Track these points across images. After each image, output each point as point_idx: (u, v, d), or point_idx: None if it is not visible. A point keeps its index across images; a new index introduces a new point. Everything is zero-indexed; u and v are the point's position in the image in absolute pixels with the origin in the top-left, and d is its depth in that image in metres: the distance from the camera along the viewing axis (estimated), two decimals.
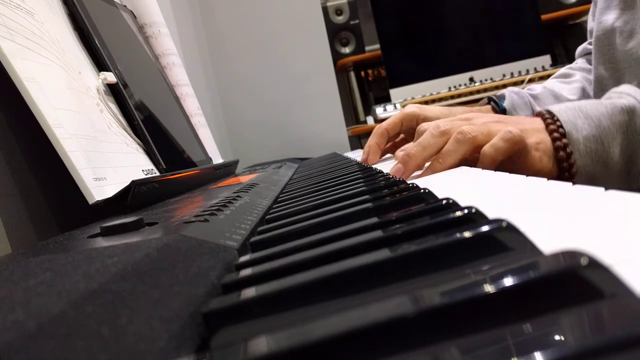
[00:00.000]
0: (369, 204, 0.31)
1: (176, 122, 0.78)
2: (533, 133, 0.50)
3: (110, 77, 0.58)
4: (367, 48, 2.27)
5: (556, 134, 0.50)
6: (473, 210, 0.22)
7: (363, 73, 2.42)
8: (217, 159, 0.95)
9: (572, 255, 0.14)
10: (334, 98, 1.51)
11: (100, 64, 0.59)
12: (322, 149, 1.45)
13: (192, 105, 0.95)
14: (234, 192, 0.45)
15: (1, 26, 0.42)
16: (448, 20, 2.21)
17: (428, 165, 0.52)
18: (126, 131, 0.57)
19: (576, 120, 0.50)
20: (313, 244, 0.24)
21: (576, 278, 0.13)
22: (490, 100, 0.83)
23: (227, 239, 0.28)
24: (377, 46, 2.18)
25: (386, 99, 2.16)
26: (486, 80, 2.06)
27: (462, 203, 0.25)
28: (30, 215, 0.43)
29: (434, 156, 0.51)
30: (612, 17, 0.74)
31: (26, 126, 0.43)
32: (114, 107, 0.58)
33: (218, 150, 1.00)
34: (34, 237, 0.44)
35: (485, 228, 0.19)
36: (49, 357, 0.12)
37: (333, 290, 0.18)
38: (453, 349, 0.12)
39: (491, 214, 0.22)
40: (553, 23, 2.24)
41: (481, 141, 0.49)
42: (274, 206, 0.44)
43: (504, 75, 2.06)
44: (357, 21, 2.23)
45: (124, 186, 0.45)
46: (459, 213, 0.23)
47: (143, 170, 0.56)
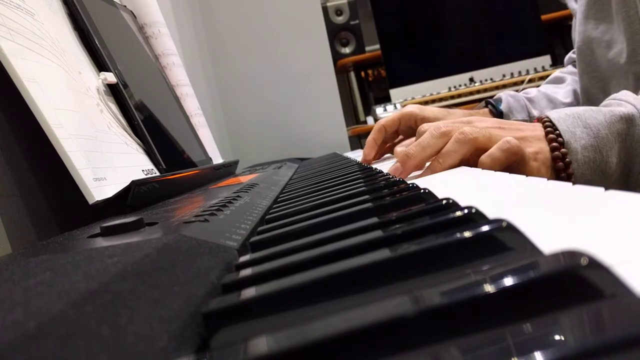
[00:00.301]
0: (369, 204, 0.31)
1: (176, 122, 0.78)
2: (533, 141, 0.50)
3: (110, 77, 0.58)
4: (367, 48, 2.28)
5: (555, 144, 0.49)
6: (473, 210, 0.22)
7: (363, 73, 2.42)
8: (217, 159, 0.95)
9: (572, 255, 0.14)
10: (334, 98, 1.51)
11: (100, 64, 0.59)
12: (322, 149, 1.45)
13: (192, 105, 0.95)
14: (234, 192, 0.45)
15: (1, 26, 0.42)
16: (448, 20, 2.21)
17: (428, 165, 0.52)
18: (126, 131, 0.57)
19: (575, 129, 0.50)
20: (313, 244, 0.24)
21: (576, 278, 0.13)
22: (487, 103, 0.84)
23: (227, 239, 0.28)
24: (377, 46, 2.18)
25: (386, 99, 2.17)
26: (486, 80, 2.06)
27: (462, 203, 0.25)
28: (30, 215, 0.43)
29: (434, 156, 0.51)
30: (591, 28, 0.76)
31: (26, 126, 0.43)
32: (114, 107, 0.58)
33: (218, 150, 1.00)
34: (34, 237, 0.44)
35: (485, 228, 0.19)
36: (49, 357, 0.12)
37: (333, 290, 0.18)
38: (453, 349, 0.12)
39: (491, 214, 0.22)
40: (553, 23, 2.24)
41: (482, 143, 0.49)
42: (274, 206, 0.44)
43: (504, 75, 2.06)
44: (357, 21, 2.24)
45: (124, 186, 0.45)
46: (459, 213, 0.23)
47: (143, 170, 0.56)
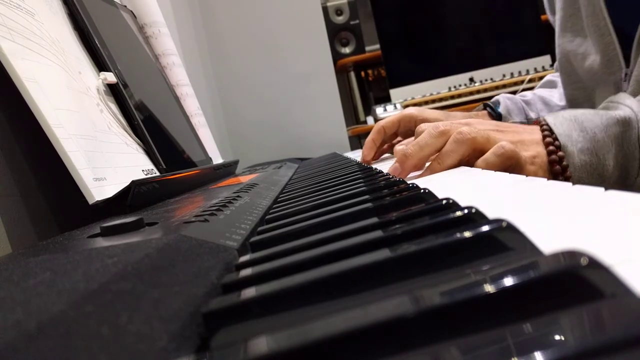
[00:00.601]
0: (369, 204, 0.31)
1: (176, 122, 0.78)
2: (530, 145, 0.50)
3: (110, 77, 0.58)
4: (367, 48, 2.28)
5: (552, 147, 0.50)
6: (473, 210, 0.22)
7: (363, 73, 2.42)
8: (217, 159, 0.95)
9: (572, 255, 0.14)
10: (334, 98, 1.51)
11: (100, 64, 0.59)
12: (322, 149, 1.45)
13: (192, 105, 0.95)
14: (234, 192, 0.45)
15: (1, 26, 0.42)
16: (448, 20, 2.21)
17: (427, 165, 0.52)
18: (126, 131, 0.57)
19: (571, 132, 0.50)
20: (313, 244, 0.24)
21: (576, 278, 0.13)
22: (486, 106, 0.85)
23: (227, 239, 0.28)
24: (377, 46, 2.18)
25: (386, 99, 2.17)
26: (486, 80, 2.06)
27: (462, 203, 0.25)
28: (30, 215, 0.43)
29: (432, 156, 0.51)
30: (567, 41, 0.77)
31: (26, 126, 0.43)
32: (114, 107, 0.58)
33: (218, 150, 1.00)
34: (34, 237, 0.44)
35: (485, 228, 0.19)
36: (49, 357, 0.12)
37: (333, 290, 0.18)
38: (453, 349, 0.12)
39: (491, 214, 0.22)
40: None
41: (480, 144, 0.49)
42: (274, 206, 0.44)
43: (504, 75, 2.06)
44: (357, 21, 2.24)
45: (124, 186, 0.45)
46: (459, 213, 0.23)
47: (143, 170, 0.56)
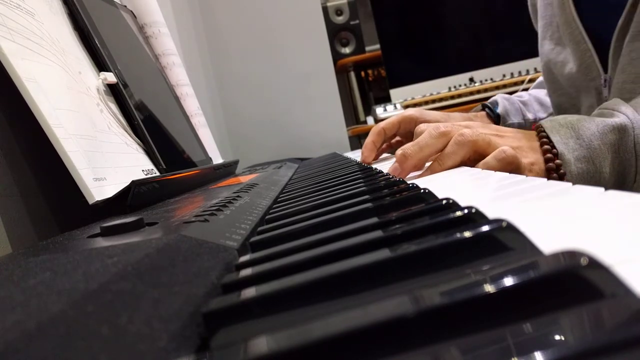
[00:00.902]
0: (369, 204, 0.31)
1: (176, 122, 0.78)
2: (528, 152, 0.50)
3: (110, 77, 0.58)
4: (367, 48, 2.28)
5: (549, 155, 0.50)
6: (473, 210, 0.22)
7: (363, 73, 2.42)
8: (217, 159, 0.95)
9: (572, 255, 0.14)
10: (334, 98, 1.51)
11: (100, 64, 0.59)
12: (322, 149, 1.45)
13: (192, 105, 0.95)
14: (234, 192, 0.45)
15: (1, 26, 0.42)
16: (448, 20, 2.21)
17: (428, 165, 0.52)
18: (126, 131, 0.57)
19: (568, 140, 0.50)
20: (313, 244, 0.24)
21: (576, 278, 0.13)
22: (484, 106, 0.85)
23: (227, 239, 0.27)
24: (377, 46, 2.18)
25: (386, 99, 2.16)
26: (486, 80, 2.06)
27: (462, 203, 0.25)
28: (30, 215, 0.43)
29: (432, 156, 0.51)
30: (548, 50, 0.78)
31: (26, 126, 0.43)
32: (114, 107, 0.58)
33: (218, 150, 1.00)
34: (34, 237, 0.44)
35: (485, 228, 0.19)
36: (49, 357, 0.12)
37: (333, 290, 0.18)
38: (453, 349, 0.12)
39: (491, 214, 0.22)
40: None
41: (481, 147, 0.49)
42: (274, 206, 0.44)
43: (504, 75, 2.06)
44: (357, 21, 2.24)
45: (124, 186, 0.45)
46: (459, 213, 0.23)
47: (143, 170, 0.56)
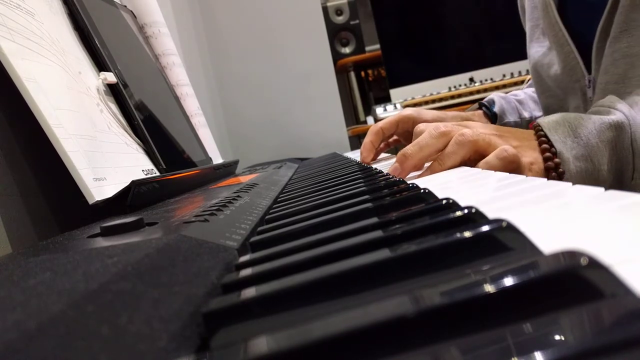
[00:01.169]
0: (369, 204, 0.31)
1: (176, 122, 0.78)
2: (528, 151, 0.51)
3: (110, 77, 0.58)
4: (367, 48, 2.28)
5: (548, 154, 0.50)
6: (473, 210, 0.22)
7: (363, 73, 2.42)
8: (217, 159, 0.95)
9: (572, 255, 0.14)
10: (334, 98, 1.51)
11: (100, 64, 0.59)
12: (322, 149, 1.45)
13: (192, 105, 0.95)
14: (234, 192, 0.45)
15: (1, 26, 0.42)
16: (448, 20, 2.21)
17: (428, 165, 0.52)
18: (126, 131, 0.57)
19: (566, 138, 0.50)
20: (313, 244, 0.24)
21: (576, 278, 0.13)
22: (481, 105, 0.85)
23: (227, 239, 0.27)
24: (377, 46, 2.18)
25: (386, 99, 2.17)
26: (486, 80, 2.06)
27: (462, 203, 0.25)
28: (30, 215, 0.43)
29: (432, 156, 0.51)
30: (535, 51, 0.79)
31: (26, 126, 0.43)
32: (114, 107, 0.58)
33: (218, 150, 1.00)
34: (34, 237, 0.44)
35: (485, 228, 0.19)
36: (49, 357, 0.12)
37: (333, 290, 0.18)
38: (453, 349, 0.12)
39: (491, 214, 0.22)
40: None
41: (481, 147, 0.49)
42: (274, 206, 0.44)
43: (504, 75, 2.06)
44: (357, 21, 2.24)
45: (124, 186, 0.45)
46: (459, 213, 0.23)
47: (143, 170, 0.56)
